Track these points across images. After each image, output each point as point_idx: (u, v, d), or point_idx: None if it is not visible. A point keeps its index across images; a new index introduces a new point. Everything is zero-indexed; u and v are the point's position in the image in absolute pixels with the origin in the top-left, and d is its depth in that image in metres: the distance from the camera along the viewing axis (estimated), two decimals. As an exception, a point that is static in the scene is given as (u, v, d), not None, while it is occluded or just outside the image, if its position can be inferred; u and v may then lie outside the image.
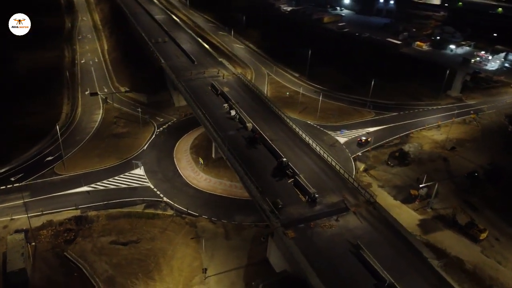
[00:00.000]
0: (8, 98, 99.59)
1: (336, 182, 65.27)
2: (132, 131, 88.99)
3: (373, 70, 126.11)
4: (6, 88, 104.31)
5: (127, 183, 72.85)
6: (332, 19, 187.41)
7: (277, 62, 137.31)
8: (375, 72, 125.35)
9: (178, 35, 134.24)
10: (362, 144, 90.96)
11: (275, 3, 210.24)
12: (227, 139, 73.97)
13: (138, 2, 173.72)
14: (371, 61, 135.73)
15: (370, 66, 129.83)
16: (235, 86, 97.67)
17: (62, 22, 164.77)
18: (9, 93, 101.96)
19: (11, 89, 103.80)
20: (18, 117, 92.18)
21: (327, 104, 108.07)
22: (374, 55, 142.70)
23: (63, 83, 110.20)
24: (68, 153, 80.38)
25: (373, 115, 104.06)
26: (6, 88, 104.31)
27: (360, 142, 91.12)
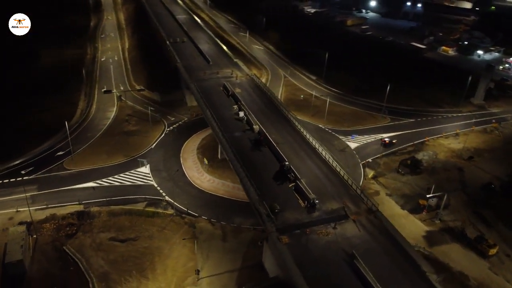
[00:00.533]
0: (28, 93, 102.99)
1: (338, 189, 63.64)
2: (142, 129, 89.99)
3: (393, 74, 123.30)
4: (28, 83, 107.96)
5: (131, 181, 73.62)
6: (355, 22, 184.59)
7: (295, 64, 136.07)
8: (396, 77, 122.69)
9: (197, 35, 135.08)
10: (386, 145, 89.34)
11: (299, 4, 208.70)
12: (232, 140, 73.78)
13: (162, 3, 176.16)
14: (392, 66, 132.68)
15: (390, 71, 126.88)
16: (247, 88, 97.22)
17: (88, 20, 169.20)
18: (30, 88, 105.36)
19: (33, 85, 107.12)
20: (35, 112, 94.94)
21: (341, 108, 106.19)
22: (396, 60, 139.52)
23: (81, 80, 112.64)
24: (78, 148, 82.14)
25: (388, 121, 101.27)
26: (28, 83, 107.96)
27: (384, 143, 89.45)
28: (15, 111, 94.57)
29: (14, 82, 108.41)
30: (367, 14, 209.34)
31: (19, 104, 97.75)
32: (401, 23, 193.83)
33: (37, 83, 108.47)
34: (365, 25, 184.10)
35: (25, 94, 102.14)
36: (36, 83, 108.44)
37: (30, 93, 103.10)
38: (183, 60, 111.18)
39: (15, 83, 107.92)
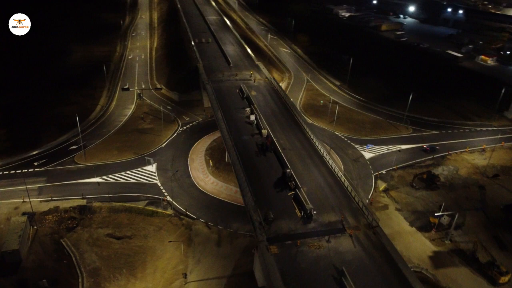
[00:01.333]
0: (56, 87, 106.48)
1: (340, 200, 61.00)
2: (156, 127, 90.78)
3: (424, 83, 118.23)
4: (57, 78, 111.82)
5: (136, 179, 74.20)
6: (390, 27, 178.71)
7: (321, 68, 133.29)
8: (427, 85, 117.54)
9: (223, 36, 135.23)
10: (427, 151, 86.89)
11: (334, 8, 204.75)
12: (239, 143, 72.75)
13: (195, 3, 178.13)
14: (424, 74, 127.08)
15: (422, 79, 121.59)
16: (264, 91, 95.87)
17: (123, 19, 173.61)
18: (59, 82, 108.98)
19: (62, 80, 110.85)
20: (59, 106, 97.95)
21: (362, 116, 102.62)
22: (429, 68, 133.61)
23: (106, 76, 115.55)
24: (92, 143, 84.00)
25: (410, 132, 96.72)
26: (57, 78, 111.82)
27: (425, 149, 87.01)
28: (43, 104, 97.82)
29: (45, 77, 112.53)
30: (405, 19, 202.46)
31: (47, 97, 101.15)
32: (440, 30, 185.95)
33: (66, 78, 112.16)
34: (400, 30, 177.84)
35: (54, 89, 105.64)
36: (65, 78, 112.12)
37: (59, 88, 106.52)
38: (204, 61, 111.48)
39: (46, 78, 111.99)
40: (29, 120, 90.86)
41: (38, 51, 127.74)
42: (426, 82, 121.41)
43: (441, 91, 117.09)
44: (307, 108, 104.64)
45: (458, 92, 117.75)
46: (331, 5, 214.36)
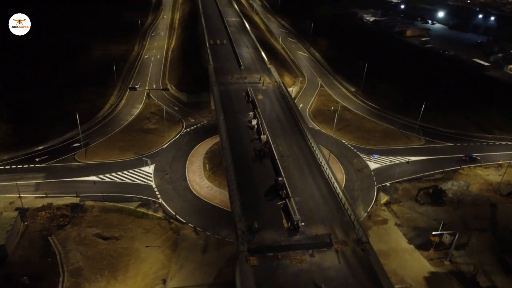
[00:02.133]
0: (71, 84, 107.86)
1: (332, 212, 58.44)
2: (160, 128, 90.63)
3: (444, 92, 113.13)
4: (74, 75, 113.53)
5: (132, 179, 74.01)
6: (416, 33, 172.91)
7: (337, 73, 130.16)
8: (446, 95, 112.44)
9: (240, 38, 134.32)
10: (467, 161, 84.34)
11: (358, 12, 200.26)
12: (236, 147, 71.35)
13: (216, 5, 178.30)
14: (446, 82, 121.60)
15: (442, 88, 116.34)
16: (271, 95, 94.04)
17: (145, 18, 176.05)
18: (75, 79, 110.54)
19: (78, 76, 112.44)
20: (71, 103, 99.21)
21: (373, 124, 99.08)
22: (452, 76, 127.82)
23: (120, 75, 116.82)
24: (95, 141, 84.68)
25: (423, 142, 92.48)
26: (74, 75, 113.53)
27: (465, 158, 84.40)
28: (55, 101, 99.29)
29: (63, 73, 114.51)
30: (433, 25, 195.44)
31: (60, 94, 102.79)
32: (469, 37, 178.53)
33: (82, 75, 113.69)
34: (426, 36, 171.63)
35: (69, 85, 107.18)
36: (82, 75, 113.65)
37: (74, 85, 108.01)
38: (216, 62, 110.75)
39: (64, 74, 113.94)
40: (39, 116, 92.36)
41: (60, 48, 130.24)
42: (448, 91, 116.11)
43: (462, 101, 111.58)
44: (317, 114, 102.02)
45: (481, 103, 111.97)
46: (356, 8, 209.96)
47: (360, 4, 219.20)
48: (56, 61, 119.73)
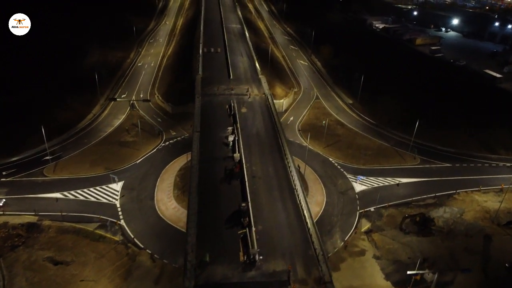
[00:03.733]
0: (57, 90, 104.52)
1: (297, 244, 53.07)
2: (138, 141, 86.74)
3: (449, 106, 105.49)
4: (62, 80, 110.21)
5: (97, 197, 70.12)
6: (426, 41, 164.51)
7: (336, 84, 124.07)
8: (451, 109, 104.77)
9: (236, 46, 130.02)
10: None
11: (368, 19, 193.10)
12: (206, 166, 66.91)
13: (220, 10, 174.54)
14: (452, 95, 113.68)
15: (448, 101, 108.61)
16: (256, 108, 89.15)
17: (147, 24, 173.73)
18: (61, 85, 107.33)
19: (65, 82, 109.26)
20: (54, 111, 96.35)
21: (366, 141, 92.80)
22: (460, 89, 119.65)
23: (109, 83, 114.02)
24: (68, 154, 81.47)
25: (417, 162, 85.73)
26: (62, 80, 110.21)
27: None
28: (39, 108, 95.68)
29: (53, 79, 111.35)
30: (447, 33, 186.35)
31: (46, 100, 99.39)
32: (485, 46, 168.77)
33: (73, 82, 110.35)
34: (437, 45, 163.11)
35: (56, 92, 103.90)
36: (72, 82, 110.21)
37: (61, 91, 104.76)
38: (205, 72, 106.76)
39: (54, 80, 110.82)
40: (19, 124, 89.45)
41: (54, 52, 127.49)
42: (454, 106, 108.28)
43: (469, 117, 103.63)
44: (307, 128, 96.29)
45: (489, 119, 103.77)
46: (367, 15, 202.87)
47: (371, 10, 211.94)
48: (48, 65, 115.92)
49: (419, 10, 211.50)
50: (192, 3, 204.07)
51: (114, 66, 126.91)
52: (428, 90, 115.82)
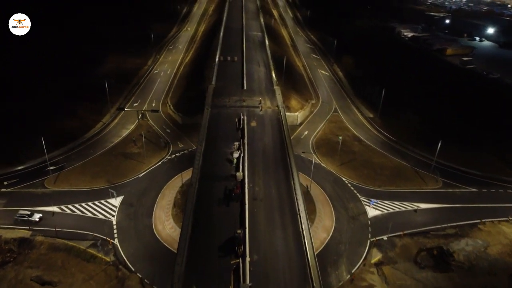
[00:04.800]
0: (70, 96, 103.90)
1: (294, 280, 48.34)
2: (144, 153, 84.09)
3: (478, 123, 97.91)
4: (75, 86, 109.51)
5: (94, 212, 67.59)
6: (458, 52, 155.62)
7: (357, 96, 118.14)
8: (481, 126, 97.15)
9: (254, 55, 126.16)
10: None
11: (396, 27, 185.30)
12: (206, 185, 63.19)
13: (242, 17, 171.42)
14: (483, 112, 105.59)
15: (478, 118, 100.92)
16: (266, 122, 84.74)
17: (169, 30, 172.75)
18: (74, 92, 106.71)
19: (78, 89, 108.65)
20: (63, 119, 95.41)
21: (383, 160, 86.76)
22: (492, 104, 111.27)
23: (123, 90, 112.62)
24: (72, 165, 79.68)
25: (439, 185, 79.00)
26: (75, 86, 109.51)
27: None
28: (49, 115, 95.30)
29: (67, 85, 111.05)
30: (481, 42, 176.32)
31: (56, 108, 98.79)
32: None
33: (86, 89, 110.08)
34: (469, 56, 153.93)
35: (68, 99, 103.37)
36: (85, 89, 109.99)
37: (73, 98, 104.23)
38: (218, 81, 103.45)
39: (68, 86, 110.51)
40: (26, 131, 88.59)
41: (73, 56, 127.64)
42: (484, 123, 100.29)
43: (498, 136, 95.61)
44: (321, 144, 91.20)
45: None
46: (395, 22, 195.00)
47: (400, 18, 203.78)
48: (64, 70, 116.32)
49: (452, 18, 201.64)
50: (216, 10, 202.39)
51: (130, 73, 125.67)
52: (455, 105, 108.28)
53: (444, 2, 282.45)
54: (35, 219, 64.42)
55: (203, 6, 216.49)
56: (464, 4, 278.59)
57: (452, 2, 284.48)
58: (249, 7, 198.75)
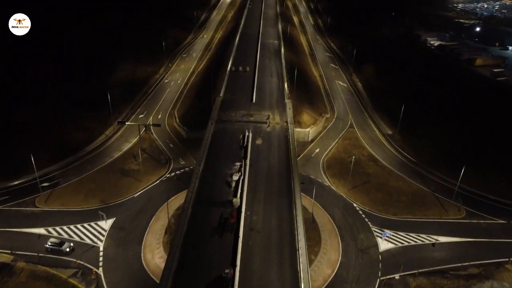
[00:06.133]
0: (77, 106, 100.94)
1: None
2: (144, 169, 79.80)
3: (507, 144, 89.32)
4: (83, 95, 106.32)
5: (82, 236, 63.31)
6: (488, 62, 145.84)
7: (375, 109, 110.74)
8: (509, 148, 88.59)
9: (268, 64, 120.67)
10: None
11: (422, 35, 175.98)
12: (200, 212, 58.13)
13: (259, 25, 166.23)
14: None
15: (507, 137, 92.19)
16: (273, 140, 78.95)
17: (185, 37, 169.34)
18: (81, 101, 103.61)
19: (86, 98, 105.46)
20: (67, 130, 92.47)
21: (401, 183, 79.50)
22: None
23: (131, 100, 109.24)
24: (67, 181, 76.03)
25: (462, 215, 71.15)
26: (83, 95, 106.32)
27: None
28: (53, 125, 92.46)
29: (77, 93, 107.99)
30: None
31: (63, 117, 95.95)
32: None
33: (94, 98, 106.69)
34: (501, 66, 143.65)
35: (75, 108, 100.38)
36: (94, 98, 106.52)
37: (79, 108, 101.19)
38: (227, 93, 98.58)
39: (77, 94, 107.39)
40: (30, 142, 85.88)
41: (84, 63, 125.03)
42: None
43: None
44: (332, 164, 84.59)
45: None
46: (421, 30, 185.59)
47: (427, 25, 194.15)
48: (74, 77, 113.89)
49: (483, 26, 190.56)
50: (234, 17, 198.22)
51: (141, 82, 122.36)
52: (484, 123, 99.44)
53: (475, 9, 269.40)
54: (65, 249, 59.86)
55: (222, 12, 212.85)
56: (497, 10, 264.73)
57: (484, 8, 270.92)
58: (268, 14, 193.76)
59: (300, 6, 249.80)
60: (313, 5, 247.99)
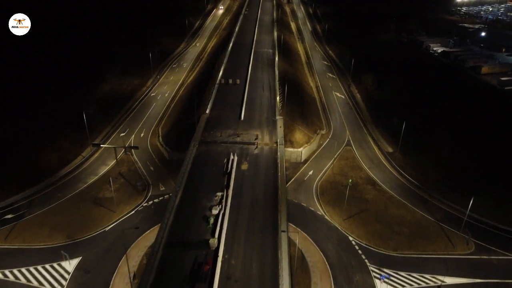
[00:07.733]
0: (53, 124, 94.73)
1: None
2: (119, 197, 72.67)
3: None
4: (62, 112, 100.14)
5: (41, 281, 56.04)
6: (495, 70, 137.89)
7: (375, 124, 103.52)
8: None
9: (260, 76, 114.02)
10: None
11: (425, 41, 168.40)
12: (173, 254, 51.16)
13: (254, 32, 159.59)
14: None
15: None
16: (261, 164, 72.00)
17: (176, 46, 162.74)
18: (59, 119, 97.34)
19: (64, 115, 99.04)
20: (38, 151, 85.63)
21: (402, 211, 71.97)
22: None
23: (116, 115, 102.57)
24: (34, 212, 68.95)
25: (471, 250, 63.49)
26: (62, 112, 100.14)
27: None
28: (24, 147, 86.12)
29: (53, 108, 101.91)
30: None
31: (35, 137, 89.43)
32: None
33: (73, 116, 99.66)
34: (508, 75, 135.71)
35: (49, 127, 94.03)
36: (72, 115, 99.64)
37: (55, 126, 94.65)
38: (214, 110, 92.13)
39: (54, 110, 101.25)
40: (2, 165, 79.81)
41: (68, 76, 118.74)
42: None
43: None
44: (327, 189, 77.14)
45: None
46: (424, 36, 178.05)
47: (430, 30, 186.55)
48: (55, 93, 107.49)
49: (489, 30, 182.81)
50: (229, 23, 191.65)
51: (126, 96, 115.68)
52: (495, 139, 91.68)
53: (479, 12, 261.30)
54: None
55: (217, 19, 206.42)
56: (502, 14, 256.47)
57: (488, 12, 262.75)
58: (264, 20, 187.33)
59: (299, 12, 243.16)
60: (312, 11, 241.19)
